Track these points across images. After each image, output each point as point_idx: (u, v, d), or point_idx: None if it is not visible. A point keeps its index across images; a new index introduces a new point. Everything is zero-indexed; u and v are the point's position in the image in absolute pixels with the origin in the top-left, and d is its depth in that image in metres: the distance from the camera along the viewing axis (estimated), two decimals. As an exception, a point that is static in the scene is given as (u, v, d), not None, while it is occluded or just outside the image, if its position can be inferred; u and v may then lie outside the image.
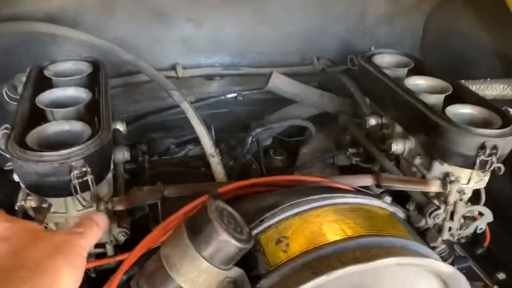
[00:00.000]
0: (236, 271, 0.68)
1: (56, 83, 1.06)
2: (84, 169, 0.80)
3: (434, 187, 0.98)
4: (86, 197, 0.86)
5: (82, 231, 0.59)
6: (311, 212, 0.76)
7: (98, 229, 0.64)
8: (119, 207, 0.92)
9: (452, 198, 0.96)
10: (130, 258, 0.83)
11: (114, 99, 1.46)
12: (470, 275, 1.16)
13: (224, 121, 1.55)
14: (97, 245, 0.97)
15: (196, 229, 0.65)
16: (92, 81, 1.10)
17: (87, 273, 0.98)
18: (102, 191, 0.93)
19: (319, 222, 0.74)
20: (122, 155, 1.02)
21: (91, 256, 0.98)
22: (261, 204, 0.81)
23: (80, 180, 0.80)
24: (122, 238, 0.94)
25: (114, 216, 0.94)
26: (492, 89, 1.28)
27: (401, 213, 0.84)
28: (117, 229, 0.93)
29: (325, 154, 1.34)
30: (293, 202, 0.78)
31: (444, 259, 0.79)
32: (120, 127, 1.12)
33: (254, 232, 0.76)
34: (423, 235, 0.80)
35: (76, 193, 0.81)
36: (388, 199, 0.82)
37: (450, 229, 1.04)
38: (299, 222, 0.75)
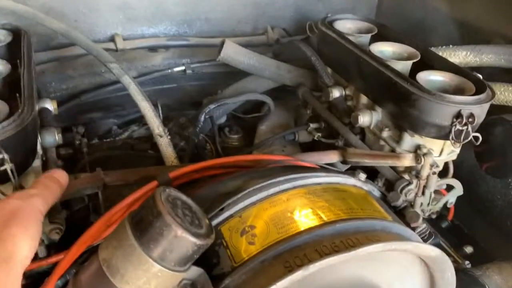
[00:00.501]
0: (194, 271, 0.57)
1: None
2: (0, 156, 0.65)
3: (407, 161, 0.91)
4: (7, 190, 0.71)
5: (37, 192, 0.58)
6: (280, 196, 0.66)
7: (57, 187, 0.63)
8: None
9: (425, 172, 0.89)
10: (66, 259, 0.69)
11: (45, 75, 1.29)
12: (439, 251, 1.12)
13: (172, 98, 1.40)
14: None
15: (143, 225, 0.52)
16: (12, 52, 0.93)
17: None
18: (28, 181, 0.77)
19: (290, 206, 0.64)
20: (52, 138, 0.86)
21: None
22: (221, 190, 0.70)
23: (-4, 170, 0.65)
24: (56, 237, 0.79)
25: (44, 211, 0.79)
26: (455, 56, 1.23)
27: (376, 192, 0.76)
28: (49, 226, 0.78)
29: (285, 131, 1.24)
30: (258, 186, 0.67)
31: (425, 240, 0.72)
32: (49, 105, 0.95)
33: (214, 223, 0.65)
34: (401, 214, 0.73)
35: (-8, 185, 0.66)
36: (362, 176, 0.73)
37: (421, 205, 0.98)
38: (267, 208, 0.64)
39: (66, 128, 1.29)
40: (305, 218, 0.62)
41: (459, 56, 1.23)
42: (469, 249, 1.13)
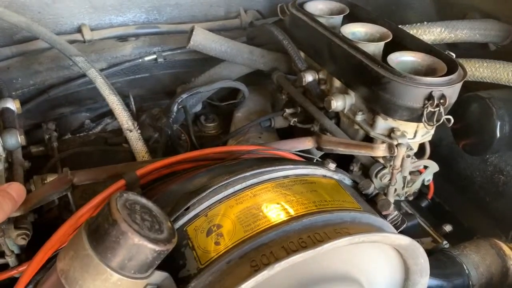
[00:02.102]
0: (158, 276, 0.55)
1: None
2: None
3: (380, 152, 0.89)
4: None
5: None
6: (246, 192, 0.64)
7: (10, 203, 0.61)
8: (15, 214, 0.74)
9: (399, 162, 0.88)
10: (30, 267, 0.67)
11: (10, 71, 1.25)
12: (418, 232, 1.12)
13: (144, 88, 1.37)
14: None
15: (99, 233, 0.50)
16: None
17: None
18: (-11, 187, 0.74)
19: (257, 202, 0.62)
20: (14, 140, 0.83)
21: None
22: (187, 188, 0.68)
23: (-51, 180, 0.62)
24: (22, 242, 0.77)
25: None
26: (429, 33, 1.21)
27: (347, 180, 0.74)
28: (15, 232, 0.76)
29: (261, 117, 1.21)
30: (224, 183, 0.65)
31: (397, 227, 0.71)
32: (12, 105, 0.92)
33: (180, 223, 0.63)
34: (373, 202, 0.71)
35: None
36: (332, 165, 0.72)
37: (395, 191, 0.98)
38: (233, 206, 0.63)
39: (37, 125, 1.25)
40: (272, 214, 0.61)
41: (433, 33, 1.21)
42: (448, 228, 1.14)
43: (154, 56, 1.34)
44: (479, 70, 1.13)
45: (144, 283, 0.53)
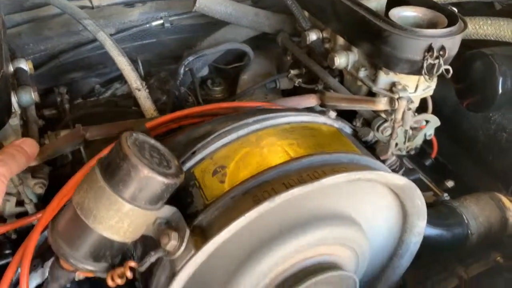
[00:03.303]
0: (168, 210, 0.59)
1: None
2: (-28, 113, 0.66)
3: (381, 105, 0.91)
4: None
5: (2, 159, 0.60)
6: (249, 137, 0.67)
7: (23, 157, 0.65)
8: (31, 164, 0.78)
9: (400, 115, 0.90)
10: (47, 212, 0.71)
11: (21, 37, 1.27)
12: (419, 186, 1.14)
13: (152, 53, 1.39)
14: (17, 203, 0.84)
15: (111, 167, 0.54)
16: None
17: (6, 235, 0.86)
18: (6, 139, 0.79)
19: (259, 146, 0.66)
20: (28, 97, 0.86)
21: (11, 217, 0.86)
22: (193, 135, 0.71)
23: (-30, 127, 0.66)
24: (39, 191, 0.81)
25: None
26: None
27: (348, 129, 0.77)
28: (32, 181, 0.80)
29: (266, 79, 1.24)
30: (228, 128, 0.68)
31: (395, 171, 0.74)
32: (25, 66, 0.95)
33: (187, 165, 0.67)
34: (372, 149, 0.74)
35: (-31, 143, 0.67)
36: (332, 114, 0.75)
37: (396, 145, 1.00)
38: (237, 149, 0.66)
39: (48, 90, 1.29)
40: (273, 155, 0.64)
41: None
42: (450, 183, 1.17)
43: (161, 21, 1.36)
44: (483, 27, 1.14)
45: (154, 215, 0.57)
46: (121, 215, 0.54)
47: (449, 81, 1.18)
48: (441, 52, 0.83)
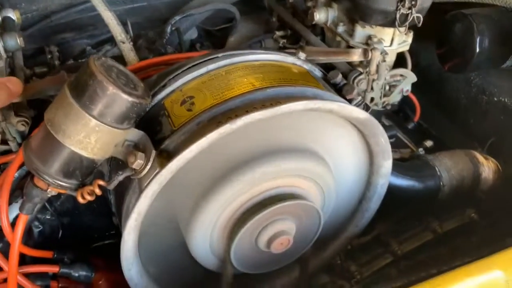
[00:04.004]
0: (136, 133, 0.63)
1: None
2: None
3: (356, 56, 0.93)
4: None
5: None
6: (218, 71, 0.70)
7: (5, 94, 0.66)
8: (14, 100, 0.81)
9: (373, 66, 0.92)
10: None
11: (13, -4, 1.30)
12: (397, 144, 1.18)
13: (142, 16, 1.41)
14: (2, 142, 0.88)
15: (80, 86, 0.57)
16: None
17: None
18: (-10, 79, 0.82)
19: (227, 79, 0.68)
20: (14, 41, 0.89)
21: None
22: (165, 71, 0.74)
23: (-46, 61, 0.69)
24: (22, 128, 0.84)
25: (10, 106, 0.84)
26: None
27: (317, 72, 0.80)
28: (15, 119, 0.84)
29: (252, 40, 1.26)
30: (198, 62, 0.71)
31: (360, 111, 0.76)
32: (12, 15, 0.98)
33: (158, 97, 0.70)
34: (340, 91, 0.77)
35: (-47, 77, 0.71)
36: (302, 55, 0.77)
37: (372, 100, 1.02)
38: (205, 82, 0.69)
39: (40, 49, 1.32)
40: (240, 86, 0.67)
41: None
42: (428, 143, 1.19)
43: (152, -15, 1.39)
44: (466, -12, 1.15)
45: (121, 135, 0.60)
46: (88, 130, 0.57)
47: (433, 47, 1.21)
48: (413, 2, 0.86)
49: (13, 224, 0.73)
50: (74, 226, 0.85)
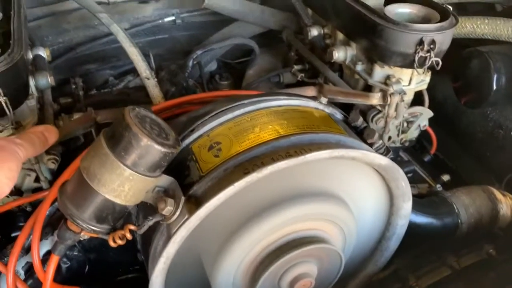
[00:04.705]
0: (166, 180, 0.65)
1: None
2: (-6, 90, 0.73)
3: (375, 100, 0.96)
4: (4, 122, 0.79)
5: (21, 142, 0.65)
6: (244, 117, 0.73)
7: (41, 143, 0.70)
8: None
9: (392, 110, 0.95)
10: (57, 184, 0.78)
11: (41, 29, 1.36)
12: (415, 178, 1.19)
13: (163, 48, 1.46)
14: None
15: (115, 136, 0.60)
16: (6, 5, 0.99)
17: (21, 207, 0.93)
18: (23, 117, 0.86)
19: (252, 125, 0.71)
20: (45, 80, 0.93)
21: (28, 191, 0.93)
22: (193, 115, 0.77)
23: (-8, 103, 0.73)
24: (52, 166, 0.88)
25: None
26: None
27: (338, 115, 0.82)
28: (46, 157, 0.87)
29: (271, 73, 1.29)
30: (224, 108, 0.73)
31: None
32: (42, 52, 1.03)
33: (186, 141, 0.72)
34: (361, 134, 0.79)
35: (-10, 117, 0.74)
36: (324, 100, 0.80)
37: (389, 139, 1.05)
38: (232, 128, 0.71)
39: (65, 80, 1.36)
40: (265, 133, 0.69)
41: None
42: (446, 177, 1.20)
43: (173, 18, 1.43)
44: (480, 27, 1.17)
45: (153, 182, 0.63)
46: (122, 179, 0.60)
47: (449, 79, 1.23)
48: (431, 46, 0.88)
49: (43, 260, 0.76)
50: (100, 262, 0.87)
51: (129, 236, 0.64)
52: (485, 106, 1.18)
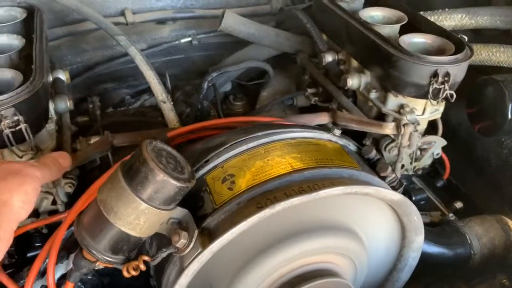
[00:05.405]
0: (180, 212, 0.66)
1: (-13, 31, 0.97)
2: (16, 117, 0.75)
3: (388, 130, 0.97)
4: (24, 148, 0.81)
5: (38, 166, 0.67)
6: (257, 149, 0.74)
7: (56, 169, 0.73)
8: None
9: (405, 140, 0.95)
10: (74, 209, 0.79)
11: (61, 49, 1.39)
12: (428, 206, 1.18)
13: (179, 68, 1.49)
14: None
15: (132, 171, 0.61)
16: (27, 28, 1.02)
17: (37, 229, 0.94)
18: (43, 142, 0.88)
19: (266, 158, 0.72)
20: (64, 104, 0.96)
21: (45, 213, 0.95)
22: (207, 145, 0.78)
23: (13, 130, 0.75)
24: (69, 190, 0.90)
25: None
26: (450, 19, 1.25)
27: (352, 146, 0.82)
28: (63, 181, 0.89)
29: (284, 96, 1.30)
30: (239, 140, 0.75)
31: (394, 189, 0.78)
32: (62, 76, 1.05)
33: (200, 172, 0.73)
34: (374, 166, 0.79)
35: (11, 143, 0.76)
36: (337, 132, 0.80)
37: (402, 167, 1.05)
38: (245, 160, 0.72)
39: (82, 98, 1.39)
40: (278, 167, 0.70)
41: (454, 19, 1.25)
42: (458, 204, 1.19)
43: (189, 39, 1.46)
44: (496, 55, 1.17)
45: (167, 215, 0.64)
46: (138, 212, 0.61)
47: (463, 105, 1.23)
48: (446, 78, 0.88)
49: (58, 284, 0.77)
50: (113, 285, 0.89)
51: (143, 267, 0.65)
52: (500, 134, 1.17)
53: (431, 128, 1.12)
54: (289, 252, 0.69)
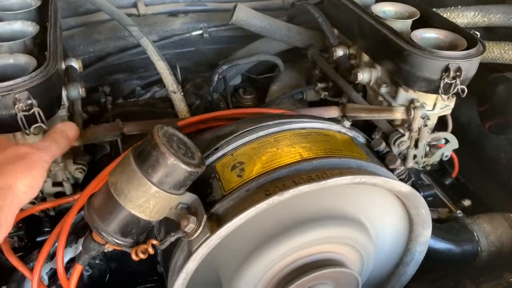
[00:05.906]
0: (189, 197, 0.67)
1: (3, 17, 0.99)
2: (29, 101, 0.76)
3: (399, 114, 0.97)
4: (36, 131, 0.82)
5: (46, 145, 0.67)
6: (267, 138, 0.74)
7: (64, 140, 0.72)
8: (74, 143, 0.88)
9: (416, 124, 0.95)
10: (84, 194, 0.80)
11: (74, 39, 1.40)
12: (435, 202, 1.18)
13: (190, 60, 1.49)
14: (56, 184, 0.94)
15: (143, 154, 0.62)
16: (42, 16, 1.03)
17: (46, 212, 0.96)
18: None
19: (275, 146, 0.72)
20: (76, 92, 0.97)
21: (50, 196, 0.96)
22: (217, 133, 0.79)
23: (26, 113, 0.76)
24: (79, 175, 0.91)
25: (70, 153, 0.91)
26: (463, 17, 1.25)
27: (361, 138, 0.83)
28: (73, 166, 0.90)
29: (294, 90, 1.31)
30: (249, 128, 0.75)
31: (403, 181, 0.78)
32: (75, 64, 1.06)
33: (210, 160, 0.74)
34: (383, 158, 0.79)
35: (24, 127, 0.77)
36: (347, 123, 0.80)
37: (415, 156, 1.04)
38: (255, 148, 0.73)
39: (94, 88, 1.41)
40: (287, 155, 0.70)
41: (467, 16, 1.25)
42: (467, 202, 1.19)
43: (201, 32, 1.46)
44: (508, 53, 1.17)
45: (177, 200, 0.65)
46: (148, 196, 0.61)
47: (473, 102, 1.22)
48: (457, 73, 0.88)
49: (66, 268, 0.78)
50: (120, 271, 0.89)
51: (151, 251, 0.66)
52: (510, 133, 1.16)
53: (441, 125, 1.12)
54: (296, 240, 0.70)
